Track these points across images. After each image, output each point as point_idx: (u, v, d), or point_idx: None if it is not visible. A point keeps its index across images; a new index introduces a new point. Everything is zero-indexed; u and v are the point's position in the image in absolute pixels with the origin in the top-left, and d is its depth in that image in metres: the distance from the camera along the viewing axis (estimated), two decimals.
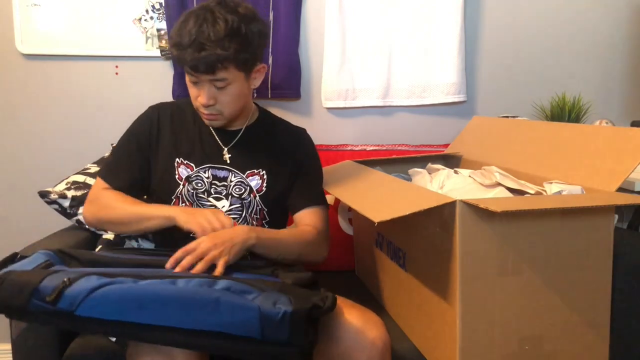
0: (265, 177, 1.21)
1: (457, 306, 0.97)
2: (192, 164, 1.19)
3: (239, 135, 1.23)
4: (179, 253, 0.98)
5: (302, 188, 1.27)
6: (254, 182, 1.20)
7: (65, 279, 0.81)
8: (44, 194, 1.45)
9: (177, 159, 1.19)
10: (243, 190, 1.20)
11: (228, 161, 1.20)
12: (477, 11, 1.91)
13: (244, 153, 1.22)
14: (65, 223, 1.51)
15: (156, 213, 1.11)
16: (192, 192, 1.18)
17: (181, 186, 1.18)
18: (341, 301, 1.07)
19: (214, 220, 1.05)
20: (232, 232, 1.03)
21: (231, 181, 1.19)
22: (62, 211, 1.45)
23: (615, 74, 1.98)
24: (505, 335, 0.99)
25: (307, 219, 1.23)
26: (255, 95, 1.79)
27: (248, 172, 1.21)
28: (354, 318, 1.00)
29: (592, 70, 1.97)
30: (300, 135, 1.32)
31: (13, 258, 0.94)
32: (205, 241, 0.99)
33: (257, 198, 1.20)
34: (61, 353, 1.12)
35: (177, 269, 0.95)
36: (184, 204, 1.18)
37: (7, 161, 1.82)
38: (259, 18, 1.13)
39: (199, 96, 1.12)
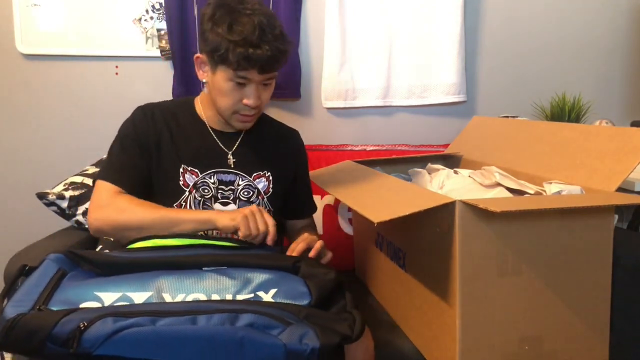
0: (270, 178, 1.21)
1: (457, 306, 0.97)
2: (196, 170, 1.15)
3: (241, 138, 1.21)
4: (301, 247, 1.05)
5: (303, 193, 1.32)
6: (261, 184, 1.20)
7: (80, 325, 0.77)
8: (42, 196, 1.44)
9: (182, 166, 1.14)
10: (251, 193, 1.19)
11: (232, 165, 1.18)
12: (477, 11, 1.91)
13: (248, 155, 1.20)
14: (65, 223, 1.51)
15: (188, 217, 1.05)
16: (200, 200, 1.15)
17: (187, 193, 1.14)
18: None
19: (259, 220, 1.02)
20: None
21: (239, 185, 1.18)
22: (61, 212, 1.45)
23: (615, 74, 1.98)
24: (505, 335, 0.99)
25: (305, 223, 1.33)
26: None
27: (255, 174, 1.20)
28: None
29: (592, 70, 1.97)
30: (296, 137, 1.32)
31: (22, 271, 0.90)
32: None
33: (265, 200, 1.20)
34: None
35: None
36: None
37: (7, 161, 1.82)
38: None
39: (246, 98, 1.09)
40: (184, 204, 1.14)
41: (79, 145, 1.82)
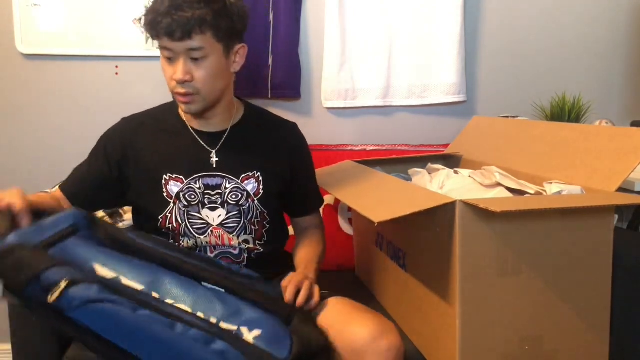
0: (260, 178, 1.15)
1: (457, 306, 0.97)
2: (181, 177, 1.12)
3: (225, 136, 1.16)
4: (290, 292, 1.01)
5: (302, 192, 1.27)
6: (250, 186, 1.14)
7: (67, 279, 0.77)
8: None
9: (165, 176, 1.12)
10: (240, 196, 1.14)
11: (214, 165, 1.13)
12: (477, 11, 1.91)
13: (233, 155, 1.15)
14: None
15: None
16: (184, 210, 1.12)
17: (171, 204, 1.12)
18: (354, 306, 1.06)
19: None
20: (305, 278, 1.06)
21: (226, 188, 1.13)
22: None
23: (615, 74, 1.98)
24: (505, 335, 0.99)
25: (309, 222, 1.30)
26: (254, 94, 1.79)
27: (243, 176, 1.14)
28: (369, 325, 0.97)
29: (592, 70, 1.97)
30: (292, 129, 1.26)
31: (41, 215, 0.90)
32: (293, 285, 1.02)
33: (256, 202, 1.15)
34: (61, 353, 1.12)
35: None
36: (170, 225, 1.12)
37: (7, 161, 1.81)
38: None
39: (175, 73, 1.04)
40: (169, 215, 1.12)
41: (79, 145, 1.81)
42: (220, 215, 1.13)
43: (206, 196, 1.12)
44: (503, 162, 1.37)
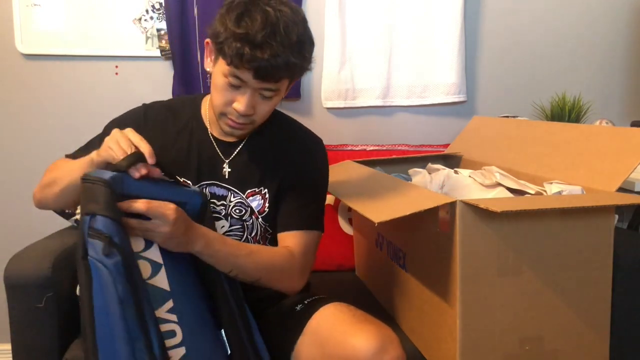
0: (267, 196, 1.08)
1: (457, 306, 0.97)
2: (188, 181, 1.07)
3: (240, 147, 1.09)
4: (138, 205, 0.87)
5: (292, 206, 1.09)
6: (255, 202, 1.08)
7: (107, 236, 0.82)
8: None
9: (175, 178, 1.06)
10: (243, 211, 1.08)
11: (227, 176, 1.08)
12: (477, 11, 1.91)
13: (244, 169, 1.08)
14: (65, 223, 1.51)
15: (79, 164, 0.98)
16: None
17: None
18: (355, 315, 0.99)
19: (122, 140, 0.91)
20: (188, 233, 0.91)
21: (230, 201, 1.08)
22: (60, 212, 1.45)
23: (615, 74, 1.98)
24: (505, 335, 0.99)
25: (287, 241, 1.08)
26: None
27: (248, 191, 1.08)
28: (371, 337, 0.91)
29: (592, 70, 1.97)
30: (313, 149, 1.13)
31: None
32: (170, 221, 0.87)
33: (260, 219, 1.09)
34: (61, 353, 1.12)
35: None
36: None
37: (7, 161, 1.81)
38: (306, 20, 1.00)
39: (236, 102, 0.96)
40: None
41: (79, 144, 1.81)
42: (223, 227, 1.09)
43: (211, 205, 1.08)
44: (503, 162, 1.36)
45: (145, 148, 0.91)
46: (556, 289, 1.00)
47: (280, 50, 0.90)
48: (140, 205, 0.85)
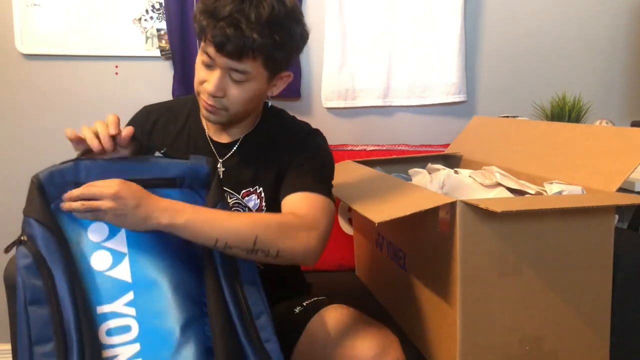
0: (263, 195, 1.06)
1: (458, 306, 0.97)
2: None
3: (235, 148, 1.07)
4: (76, 192, 0.82)
5: (291, 175, 1.02)
6: (252, 202, 1.06)
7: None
8: None
9: None
10: (241, 212, 1.05)
11: (221, 175, 1.05)
12: (477, 11, 1.91)
13: (238, 169, 1.06)
14: None
15: None
16: None
17: None
18: (355, 317, 0.99)
19: (99, 127, 0.86)
20: (143, 207, 0.80)
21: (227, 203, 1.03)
22: None
23: (615, 74, 1.98)
24: (505, 335, 0.99)
25: (287, 206, 0.97)
26: None
27: (243, 191, 1.06)
28: (371, 340, 0.92)
29: (592, 70, 1.97)
30: (306, 133, 1.10)
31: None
32: (110, 196, 0.80)
33: None
34: None
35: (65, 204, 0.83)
36: None
37: (7, 161, 1.81)
38: (304, 20, 0.99)
39: (207, 82, 0.95)
40: None
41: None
42: None
43: None
44: (503, 162, 1.36)
45: (111, 120, 0.87)
46: (556, 289, 1.00)
47: (245, 26, 0.87)
48: (75, 191, 0.81)
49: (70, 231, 0.84)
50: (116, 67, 1.81)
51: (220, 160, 1.07)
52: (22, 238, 0.82)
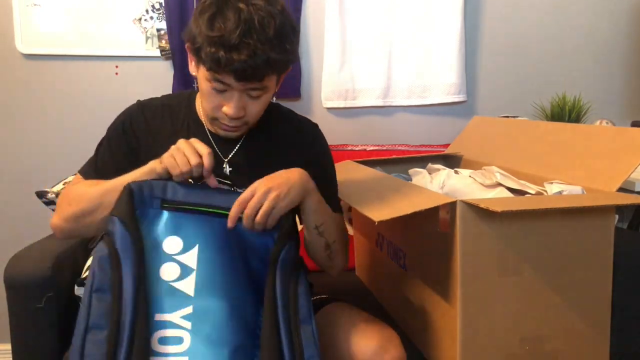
0: None
1: (458, 306, 0.97)
2: (191, 179, 0.99)
3: (239, 145, 1.05)
4: (234, 209, 0.87)
5: None
6: None
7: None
8: (41, 194, 1.44)
9: None
10: None
11: (228, 173, 1.04)
12: (477, 11, 1.91)
13: (243, 167, 1.05)
14: None
15: (132, 176, 0.91)
16: None
17: None
18: (357, 315, 1.00)
19: (189, 152, 0.87)
20: (288, 173, 0.90)
21: None
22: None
23: (615, 74, 1.98)
24: (505, 335, 0.99)
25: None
26: None
27: None
28: (372, 337, 0.93)
29: (592, 70, 1.97)
30: (311, 131, 1.13)
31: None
32: (260, 186, 0.87)
33: None
34: (61, 353, 1.12)
35: (245, 223, 0.87)
36: None
37: (7, 161, 1.81)
38: (289, 10, 0.96)
39: (225, 106, 0.93)
40: None
41: (79, 144, 1.82)
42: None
43: None
44: (503, 162, 1.36)
45: (207, 162, 0.88)
46: (556, 289, 1.00)
47: (259, 48, 0.86)
48: (232, 211, 0.88)
49: (149, 239, 0.87)
50: (116, 67, 1.81)
51: (226, 160, 1.04)
52: (103, 234, 0.86)
